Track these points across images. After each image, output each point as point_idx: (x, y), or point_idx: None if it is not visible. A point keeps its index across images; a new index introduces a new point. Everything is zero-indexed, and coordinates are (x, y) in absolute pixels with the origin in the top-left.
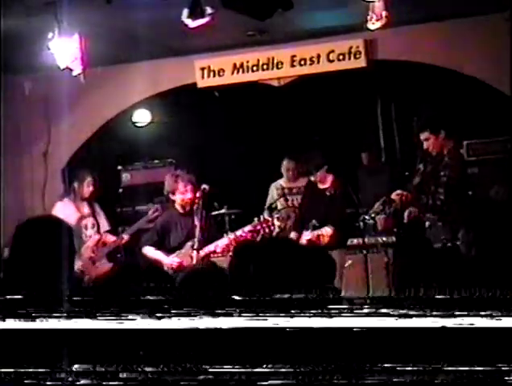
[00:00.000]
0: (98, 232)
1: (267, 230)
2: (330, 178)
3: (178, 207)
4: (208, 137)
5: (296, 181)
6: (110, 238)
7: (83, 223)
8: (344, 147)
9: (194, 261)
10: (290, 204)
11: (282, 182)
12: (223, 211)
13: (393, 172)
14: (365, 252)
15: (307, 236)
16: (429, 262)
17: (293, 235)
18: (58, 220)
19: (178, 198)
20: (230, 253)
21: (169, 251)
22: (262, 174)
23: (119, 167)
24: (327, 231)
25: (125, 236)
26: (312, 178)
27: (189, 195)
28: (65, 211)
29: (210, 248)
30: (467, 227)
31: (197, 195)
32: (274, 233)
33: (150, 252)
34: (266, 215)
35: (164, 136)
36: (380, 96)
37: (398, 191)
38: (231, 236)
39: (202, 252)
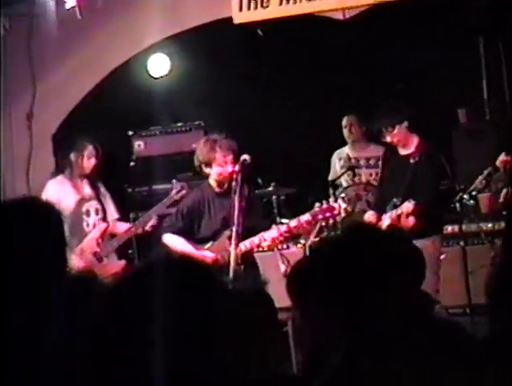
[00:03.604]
0: (104, 219)
1: (331, 220)
2: (415, 140)
3: (213, 183)
4: (248, 91)
5: (367, 148)
6: (120, 228)
7: (84, 208)
8: (435, 101)
9: (232, 257)
10: (358, 180)
11: (347, 150)
12: (270, 189)
13: (501, 134)
14: (463, 243)
15: (386, 219)
16: None
17: (371, 219)
18: (43, 203)
19: (215, 171)
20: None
21: (198, 241)
22: (322, 140)
23: (130, 133)
24: (407, 207)
25: (140, 226)
26: (388, 139)
27: (230, 168)
28: (60, 192)
29: (254, 240)
30: None
31: (236, 168)
32: (339, 219)
33: (173, 241)
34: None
35: (190, 90)
36: (483, 30)
37: (504, 157)
38: (282, 227)
39: (243, 246)
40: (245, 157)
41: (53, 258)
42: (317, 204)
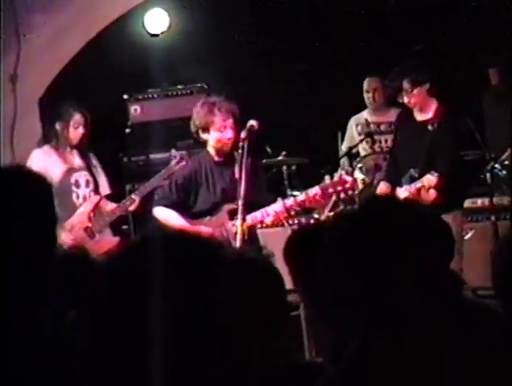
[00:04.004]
0: (96, 191)
1: (344, 194)
2: (433, 104)
3: (211, 150)
4: (255, 50)
5: (387, 112)
6: (111, 206)
7: (73, 179)
8: (461, 60)
9: (239, 234)
10: (378, 148)
11: (366, 114)
12: (280, 158)
13: None
14: (494, 218)
15: (402, 192)
16: None
17: (384, 191)
18: (30, 173)
19: (213, 137)
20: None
21: (194, 216)
22: (337, 104)
23: (125, 96)
24: (429, 179)
25: (136, 198)
26: (406, 100)
27: (230, 134)
28: (45, 162)
29: (257, 215)
30: None
31: (241, 134)
32: (356, 192)
33: (165, 215)
34: (344, 164)
35: (191, 49)
36: None
37: None
38: (288, 201)
39: (245, 222)
40: (253, 122)
41: (42, 233)
42: (327, 177)
